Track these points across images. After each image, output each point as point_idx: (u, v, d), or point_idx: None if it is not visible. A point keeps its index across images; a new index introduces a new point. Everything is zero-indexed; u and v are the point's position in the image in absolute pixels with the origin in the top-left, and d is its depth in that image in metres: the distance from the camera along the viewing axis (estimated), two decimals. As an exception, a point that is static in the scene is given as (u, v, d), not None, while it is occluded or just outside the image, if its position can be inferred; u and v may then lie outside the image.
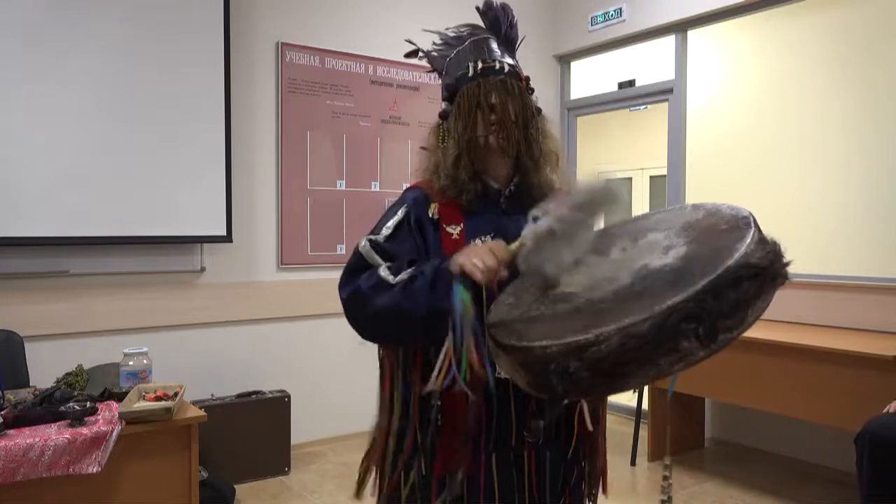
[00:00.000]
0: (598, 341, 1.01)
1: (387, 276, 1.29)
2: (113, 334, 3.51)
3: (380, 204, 4.46)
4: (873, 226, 3.86)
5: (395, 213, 1.43)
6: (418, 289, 1.23)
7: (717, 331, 1.02)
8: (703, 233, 1.20)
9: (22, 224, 3.22)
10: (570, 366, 1.04)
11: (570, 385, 1.07)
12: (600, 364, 1.03)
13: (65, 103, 3.31)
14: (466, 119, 1.40)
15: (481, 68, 1.42)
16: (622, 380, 1.06)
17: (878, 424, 2.70)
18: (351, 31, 4.34)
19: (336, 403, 4.31)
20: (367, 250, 1.37)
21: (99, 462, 2.22)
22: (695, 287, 1.01)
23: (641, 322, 1.00)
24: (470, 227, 1.40)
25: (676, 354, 1.02)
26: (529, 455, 1.40)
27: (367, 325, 1.33)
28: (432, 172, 1.45)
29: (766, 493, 3.53)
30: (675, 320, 1.00)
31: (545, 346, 1.06)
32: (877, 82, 3.88)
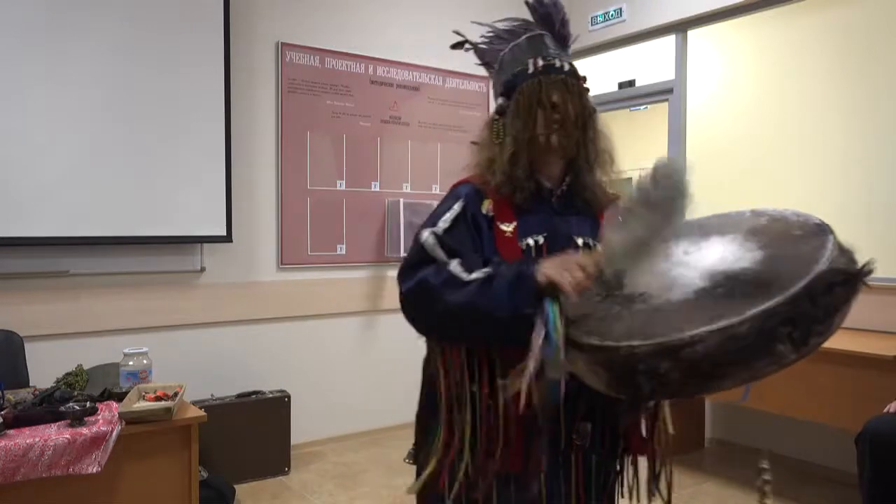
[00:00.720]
0: (693, 342, 1.01)
1: (459, 272, 1.26)
2: (113, 334, 3.51)
3: (380, 204, 4.46)
4: (873, 226, 3.86)
5: (451, 207, 1.39)
6: (497, 290, 1.21)
7: (809, 335, 1.03)
8: (776, 238, 1.20)
9: (22, 224, 3.22)
10: (660, 366, 1.03)
11: (658, 386, 1.06)
12: (697, 365, 1.02)
13: (65, 103, 3.31)
14: (526, 117, 1.39)
15: (542, 66, 1.41)
16: (715, 382, 1.06)
17: (878, 424, 2.70)
18: (351, 31, 4.34)
19: (336, 403, 4.31)
20: (431, 244, 1.33)
21: (99, 462, 2.22)
22: (791, 291, 1.01)
23: (739, 324, 1.00)
24: (522, 226, 1.39)
25: (771, 358, 1.02)
26: (577, 458, 1.40)
27: (434, 321, 1.31)
28: (486, 168, 1.43)
29: (767, 493, 3.53)
30: (774, 323, 1.00)
31: (634, 346, 1.05)
32: (877, 82, 3.87)
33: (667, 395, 1.21)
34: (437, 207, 1.43)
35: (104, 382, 2.74)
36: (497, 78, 1.51)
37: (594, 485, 1.43)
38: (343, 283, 4.32)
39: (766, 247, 1.19)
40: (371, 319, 4.46)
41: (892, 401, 2.79)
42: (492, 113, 1.48)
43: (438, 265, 1.30)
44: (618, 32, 4.71)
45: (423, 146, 4.63)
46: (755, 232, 1.25)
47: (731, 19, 4.21)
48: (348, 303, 4.34)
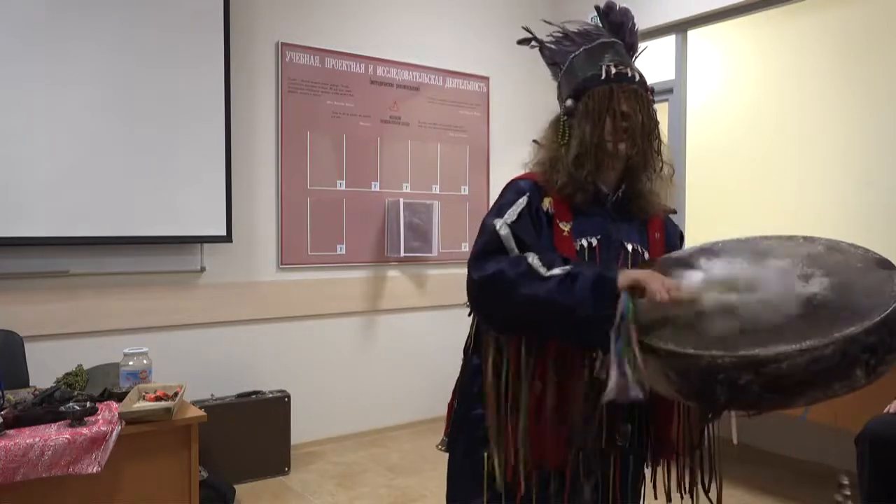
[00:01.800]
0: (778, 359, 1.05)
1: (538, 266, 1.28)
2: (113, 334, 3.51)
3: (380, 204, 4.46)
4: (873, 225, 3.86)
5: (515, 201, 1.41)
6: (579, 289, 1.23)
7: (881, 363, 1.08)
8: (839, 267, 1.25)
9: (22, 224, 3.22)
10: (741, 378, 1.07)
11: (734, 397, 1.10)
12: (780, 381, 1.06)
13: (65, 103, 3.31)
14: (595, 121, 1.41)
15: (615, 73, 1.43)
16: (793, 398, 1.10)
17: (878, 424, 2.70)
18: (351, 31, 4.34)
19: (336, 403, 4.31)
20: (505, 234, 1.35)
21: (99, 462, 2.22)
22: (873, 321, 1.06)
23: (825, 346, 1.04)
24: (578, 226, 1.42)
25: (847, 381, 1.07)
26: (615, 458, 1.43)
27: (508, 312, 1.32)
28: (549, 167, 1.45)
29: (766, 493, 3.53)
30: (857, 349, 1.05)
31: (717, 356, 1.08)
32: (877, 82, 3.87)
33: (741, 406, 1.22)
34: (499, 199, 1.45)
35: (104, 382, 2.74)
36: (566, 79, 1.53)
37: (630, 485, 1.48)
38: (343, 283, 4.32)
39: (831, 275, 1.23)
40: (371, 319, 4.46)
41: (893, 401, 2.79)
42: (559, 113, 1.50)
43: (515, 257, 1.31)
44: (618, 32, 4.70)
45: (423, 146, 4.63)
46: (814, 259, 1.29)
47: (731, 19, 4.21)
48: (348, 303, 4.34)
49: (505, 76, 4.88)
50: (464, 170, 4.83)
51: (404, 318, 4.60)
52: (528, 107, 4.83)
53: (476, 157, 4.87)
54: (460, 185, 4.82)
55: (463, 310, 1.46)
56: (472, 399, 1.45)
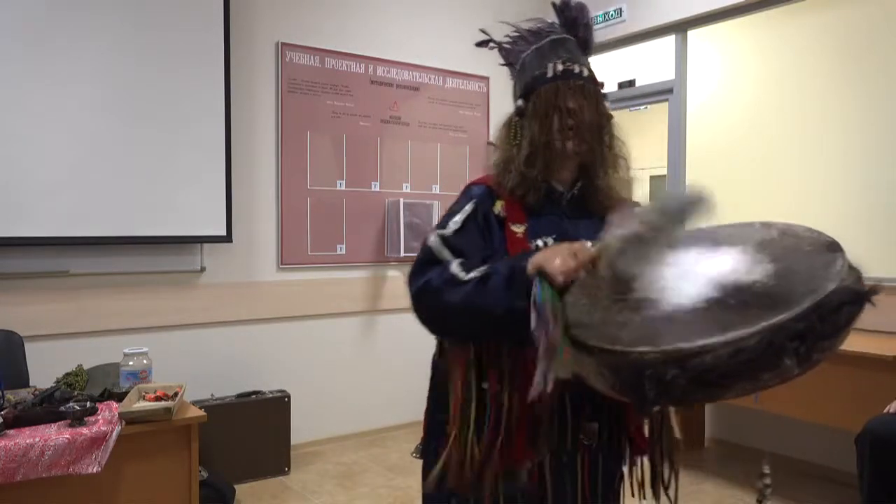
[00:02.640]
0: (703, 352, 1.02)
1: (459, 271, 1.28)
2: (113, 334, 3.51)
3: (380, 204, 4.46)
4: (873, 226, 3.86)
5: (462, 208, 1.42)
6: (493, 287, 1.23)
7: (814, 350, 1.04)
8: (787, 252, 1.22)
9: (22, 224, 3.22)
10: (667, 373, 1.04)
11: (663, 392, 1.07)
12: (704, 375, 1.03)
13: (65, 103, 3.31)
14: (542, 120, 1.40)
15: (561, 70, 1.42)
16: (719, 391, 1.08)
17: (878, 424, 2.70)
18: (351, 31, 4.34)
19: (336, 403, 4.31)
20: (436, 245, 1.36)
21: (99, 462, 2.22)
22: (802, 307, 1.02)
23: (749, 337, 1.01)
24: (533, 227, 1.41)
25: (776, 371, 1.03)
26: (583, 457, 1.41)
27: (438, 320, 1.33)
28: (502, 169, 1.45)
29: (767, 493, 3.53)
30: (783, 338, 1.01)
31: (643, 352, 1.06)
32: (877, 82, 3.87)
33: (671, 401, 1.22)
34: (450, 207, 1.46)
35: (104, 382, 2.74)
36: (518, 79, 1.53)
37: (600, 484, 1.44)
38: (343, 283, 4.32)
39: (778, 260, 1.20)
40: (371, 319, 4.46)
41: (892, 401, 2.79)
42: (511, 114, 1.50)
43: (441, 267, 1.32)
44: (618, 32, 4.71)
45: (423, 146, 4.63)
46: (766, 245, 1.26)
47: (731, 19, 4.21)
48: (348, 303, 4.34)
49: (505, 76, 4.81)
50: (464, 170, 4.83)
51: (404, 318, 4.55)
52: (528, 107, 4.83)
53: (476, 157, 4.87)
54: (460, 185, 4.78)
55: None
56: (438, 405, 1.46)
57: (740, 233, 1.34)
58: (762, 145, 4.41)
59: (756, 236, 1.30)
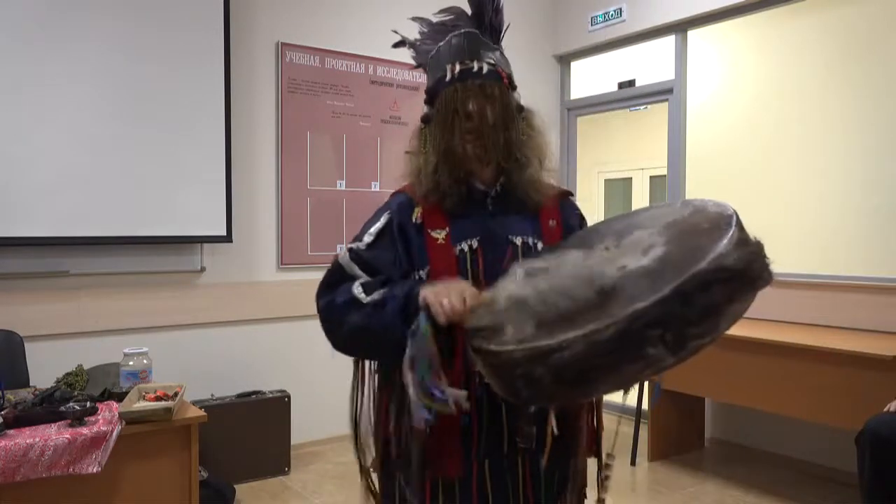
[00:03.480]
0: (561, 347, 0.98)
1: (359, 294, 1.29)
2: (113, 334, 3.51)
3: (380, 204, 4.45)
4: (873, 225, 3.86)
5: (377, 220, 1.41)
6: (388, 312, 1.24)
7: (686, 337, 0.98)
8: (684, 232, 1.16)
9: (22, 224, 3.22)
10: (535, 371, 1.01)
11: (534, 391, 1.04)
12: (564, 371, 0.99)
13: (65, 103, 3.31)
14: (444, 126, 1.37)
15: (459, 71, 1.37)
16: (585, 387, 1.03)
17: (878, 424, 2.70)
18: (351, 31, 4.34)
19: (336, 403, 4.28)
20: (346, 261, 1.36)
21: (99, 462, 2.22)
22: (661, 292, 0.96)
23: (605, 328, 0.96)
24: (456, 231, 1.37)
25: (643, 361, 0.98)
26: (523, 460, 1.38)
27: (340, 340, 1.35)
28: (414, 177, 1.43)
29: (766, 493, 3.53)
30: (640, 326, 0.96)
31: (511, 350, 1.04)
32: (877, 82, 3.88)
33: (543, 400, 1.18)
34: (368, 219, 1.44)
35: (104, 382, 2.74)
36: (426, 82, 1.49)
37: (544, 488, 1.41)
38: (343, 283, 4.31)
39: (670, 242, 1.13)
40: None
41: (892, 401, 2.79)
42: (419, 121, 1.47)
43: (345, 286, 1.32)
44: (618, 32, 4.71)
45: (423, 146, 4.62)
46: (669, 226, 1.20)
47: (731, 19, 4.21)
48: (348, 303, 4.33)
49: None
50: (464, 170, 4.82)
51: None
52: (528, 107, 4.82)
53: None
54: (460, 185, 4.82)
55: None
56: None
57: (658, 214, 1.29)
58: (762, 145, 4.41)
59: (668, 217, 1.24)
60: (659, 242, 1.15)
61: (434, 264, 1.34)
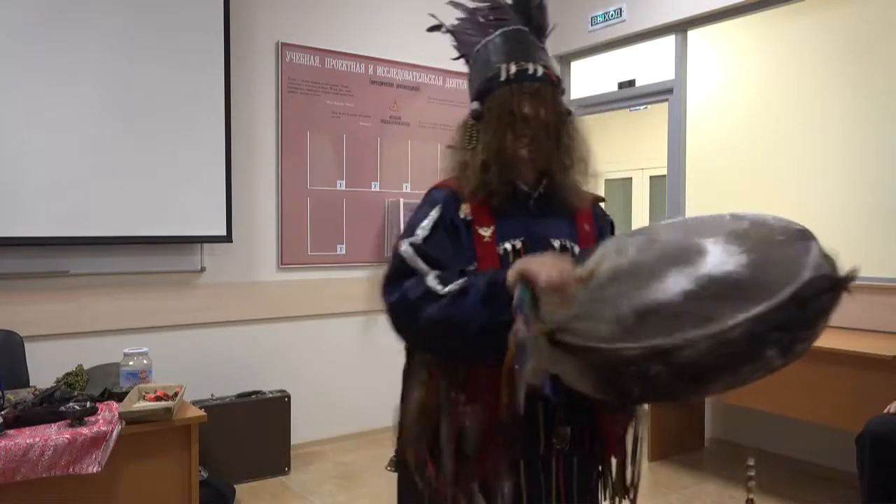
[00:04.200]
0: (684, 346, 1.00)
1: (435, 285, 1.24)
2: (113, 334, 3.51)
3: (380, 204, 4.46)
4: (873, 225, 3.86)
5: (428, 214, 1.37)
6: (470, 301, 1.19)
7: (796, 341, 1.03)
8: (760, 243, 1.20)
9: (22, 224, 3.22)
10: (650, 369, 1.02)
11: (647, 389, 1.05)
12: (687, 369, 1.01)
13: (65, 103, 3.31)
14: (497, 127, 1.36)
15: (515, 72, 1.36)
16: (703, 386, 1.06)
17: (878, 424, 2.70)
18: (351, 31, 4.34)
19: (336, 403, 4.31)
20: (409, 255, 1.31)
21: (99, 462, 2.22)
22: (782, 296, 1.00)
23: (731, 329, 0.99)
24: (500, 230, 1.37)
25: (759, 363, 1.02)
26: (557, 461, 1.38)
27: (415, 335, 1.30)
28: (460, 173, 1.41)
29: (766, 493, 3.53)
30: (764, 329, 0.99)
31: (624, 348, 1.04)
32: (877, 82, 3.87)
33: (655, 398, 1.19)
34: (413, 214, 1.41)
35: (104, 382, 2.74)
36: (472, 76, 1.47)
37: (577, 487, 1.42)
38: (343, 283, 4.32)
39: (750, 251, 1.18)
40: (371, 319, 4.46)
41: (892, 401, 2.79)
42: (466, 116, 1.45)
43: (417, 279, 1.27)
44: (618, 32, 4.71)
45: (423, 146, 4.63)
46: (737, 236, 1.24)
47: (731, 19, 4.21)
48: (348, 303, 4.33)
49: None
50: (464, 170, 4.82)
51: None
52: (528, 107, 4.82)
53: (476, 157, 4.87)
54: (460, 185, 4.82)
55: None
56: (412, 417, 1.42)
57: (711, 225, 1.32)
58: (762, 145, 4.41)
59: (727, 228, 1.28)
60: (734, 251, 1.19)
61: (480, 261, 1.34)
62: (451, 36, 1.55)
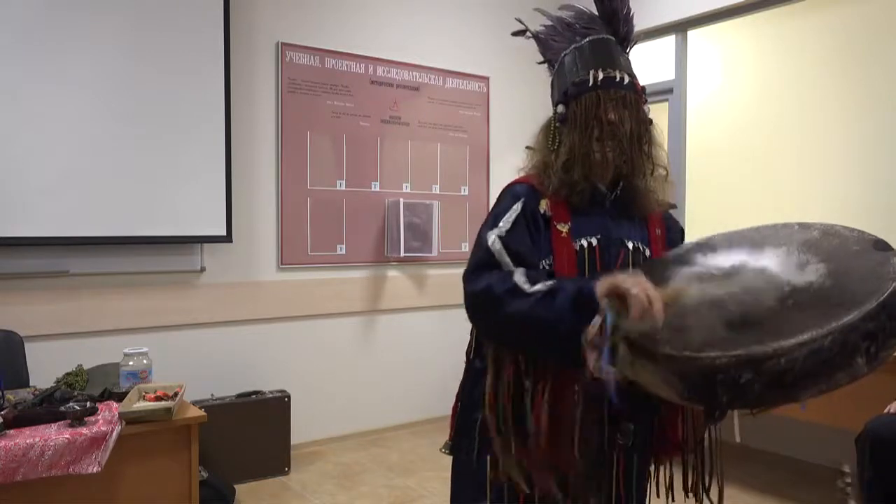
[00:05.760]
0: (776, 355, 1.02)
1: (523, 283, 1.27)
2: (113, 334, 3.51)
3: (380, 204, 4.46)
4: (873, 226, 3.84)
5: (510, 207, 1.41)
6: (559, 304, 1.22)
7: (883, 348, 1.05)
8: (836, 252, 1.22)
9: (22, 224, 3.22)
10: (741, 377, 1.05)
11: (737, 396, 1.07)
12: (781, 377, 1.04)
13: (65, 103, 3.31)
14: (583, 130, 1.40)
15: (602, 79, 1.41)
16: (794, 393, 1.08)
17: (878, 424, 2.70)
18: (351, 31, 4.34)
19: (336, 403, 4.31)
20: (498, 248, 1.35)
21: (99, 462, 2.22)
22: (871, 306, 1.03)
23: (823, 337, 1.01)
24: (576, 227, 1.41)
25: (849, 370, 1.04)
26: (618, 457, 1.42)
27: (496, 328, 1.33)
28: (541, 171, 1.45)
29: (766, 493, 3.53)
30: (856, 337, 1.02)
31: (715, 356, 1.06)
32: (876, 82, 3.87)
33: (745, 405, 1.20)
34: (495, 206, 1.45)
35: (104, 382, 2.74)
36: (556, 80, 1.52)
37: (634, 484, 1.47)
38: (343, 283, 4.32)
39: (827, 261, 1.20)
40: (371, 319, 4.46)
41: (892, 401, 2.79)
42: (550, 118, 1.50)
43: (504, 272, 1.31)
44: (618, 32, 4.71)
45: (423, 146, 4.63)
46: (810, 246, 1.27)
47: (731, 19, 4.21)
48: (348, 303, 4.34)
49: (505, 76, 4.88)
50: (464, 170, 4.83)
51: (404, 318, 4.60)
52: (528, 107, 4.82)
53: (476, 158, 4.87)
54: (460, 186, 4.82)
55: (462, 309, 1.46)
56: (473, 403, 1.45)
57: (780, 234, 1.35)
58: (762, 145, 4.41)
59: (798, 237, 1.31)
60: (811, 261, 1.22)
61: (557, 256, 1.37)
62: (536, 41, 1.59)
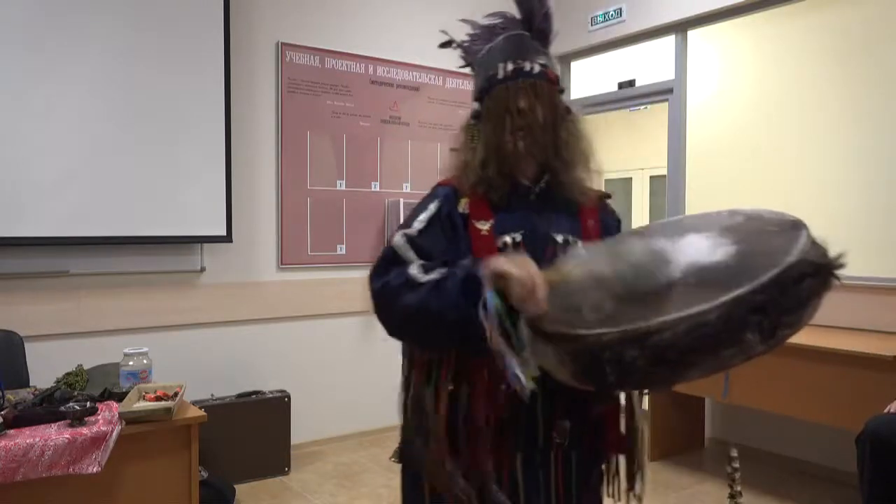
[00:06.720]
0: (660, 329, 1.00)
1: (416, 273, 1.26)
2: (113, 334, 3.51)
3: (380, 204, 4.46)
4: (873, 225, 3.86)
5: (426, 207, 1.41)
6: (448, 290, 1.20)
7: (778, 326, 1.02)
8: (752, 234, 1.21)
9: (22, 224, 3.22)
10: (626, 354, 1.02)
11: (624, 374, 1.05)
12: (664, 353, 1.01)
13: (65, 103, 3.31)
14: (495, 123, 1.39)
15: (511, 70, 1.40)
16: (681, 371, 1.05)
17: (878, 424, 2.70)
18: (351, 31, 4.34)
19: (336, 403, 4.31)
20: (400, 245, 1.34)
21: (99, 462, 2.22)
22: (761, 279, 1.00)
23: (708, 311, 0.99)
24: (499, 223, 1.39)
25: (739, 347, 1.01)
26: (556, 456, 1.39)
27: (395, 323, 1.32)
28: (461, 170, 1.44)
29: (766, 493, 3.53)
30: (743, 311, 0.99)
31: (600, 333, 1.04)
32: (876, 82, 3.88)
33: (633, 384, 1.20)
34: (414, 208, 1.44)
35: (104, 382, 2.74)
36: (475, 81, 1.51)
37: (575, 483, 1.42)
38: (343, 283, 4.32)
39: (741, 242, 1.19)
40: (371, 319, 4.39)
41: (892, 401, 2.79)
42: (468, 117, 1.49)
43: (401, 268, 1.30)
44: (618, 32, 4.71)
45: (423, 146, 4.63)
46: (730, 229, 1.26)
47: (731, 19, 4.21)
48: (348, 303, 4.33)
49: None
50: (464, 170, 4.82)
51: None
52: (528, 107, 4.82)
53: (476, 157, 4.87)
54: (460, 185, 4.82)
55: None
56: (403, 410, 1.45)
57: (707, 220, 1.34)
58: (762, 145, 4.41)
59: (721, 222, 1.30)
60: (725, 243, 1.20)
61: (477, 255, 1.34)
62: (460, 48, 1.59)
